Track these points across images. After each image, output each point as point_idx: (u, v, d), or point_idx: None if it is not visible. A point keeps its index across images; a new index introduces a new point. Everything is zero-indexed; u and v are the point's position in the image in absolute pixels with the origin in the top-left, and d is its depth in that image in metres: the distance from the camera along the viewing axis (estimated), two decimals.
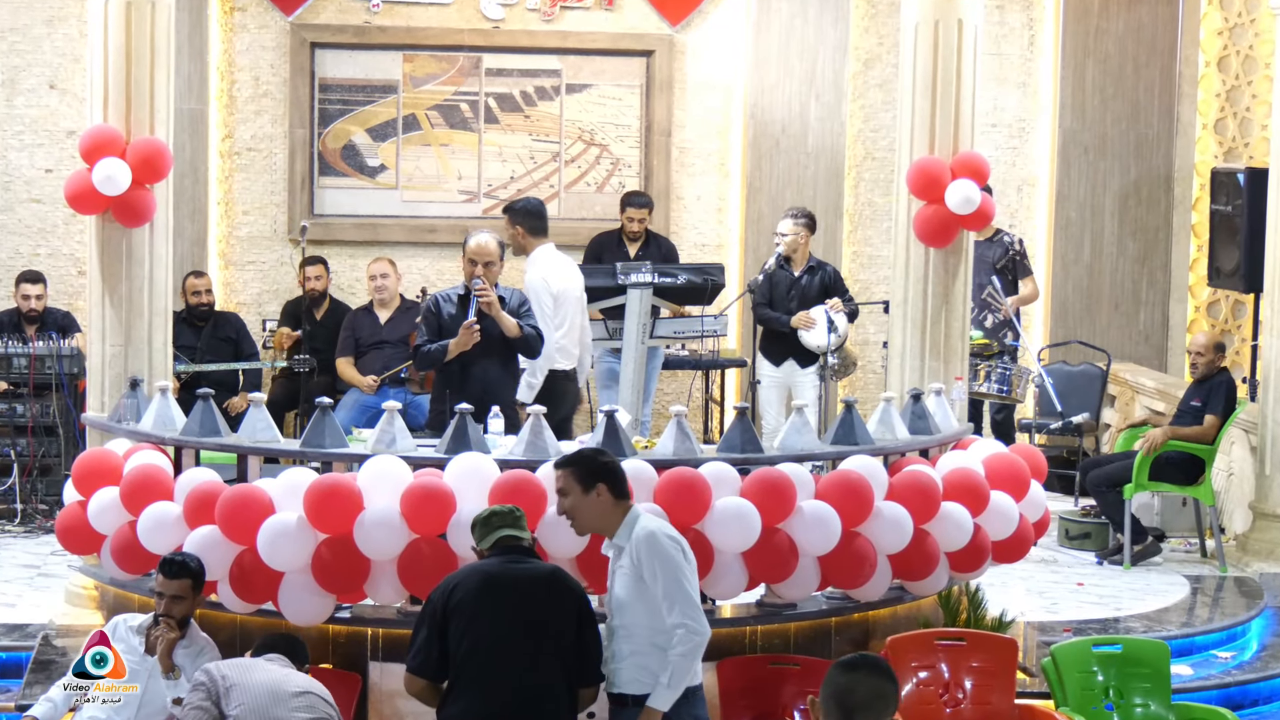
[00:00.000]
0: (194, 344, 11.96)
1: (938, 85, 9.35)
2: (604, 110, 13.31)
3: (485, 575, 6.49)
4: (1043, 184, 13.72)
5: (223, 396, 10.90)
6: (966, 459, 8.77)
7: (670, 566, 6.49)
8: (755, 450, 8.28)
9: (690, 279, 11.10)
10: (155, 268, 9.00)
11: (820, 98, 13.29)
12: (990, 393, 11.57)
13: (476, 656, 6.33)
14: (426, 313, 9.50)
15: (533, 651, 6.36)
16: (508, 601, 6.39)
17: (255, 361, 12.25)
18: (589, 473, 6.66)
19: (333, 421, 8.19)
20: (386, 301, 12.18)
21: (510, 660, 6.33)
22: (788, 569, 8.01)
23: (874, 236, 13.47)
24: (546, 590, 6.47)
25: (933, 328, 9.43)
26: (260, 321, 12.86)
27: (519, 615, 6.38)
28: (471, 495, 7.70)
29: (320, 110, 13.06)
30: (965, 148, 9.36)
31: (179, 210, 10.99)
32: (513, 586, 6.43)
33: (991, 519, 8.57)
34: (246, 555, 7.71)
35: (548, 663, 6.38)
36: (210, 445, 8.35)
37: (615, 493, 6.66)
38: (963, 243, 9.45)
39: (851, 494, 8.10)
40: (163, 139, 8.89)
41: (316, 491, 7.67)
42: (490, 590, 6.41)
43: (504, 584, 6.44)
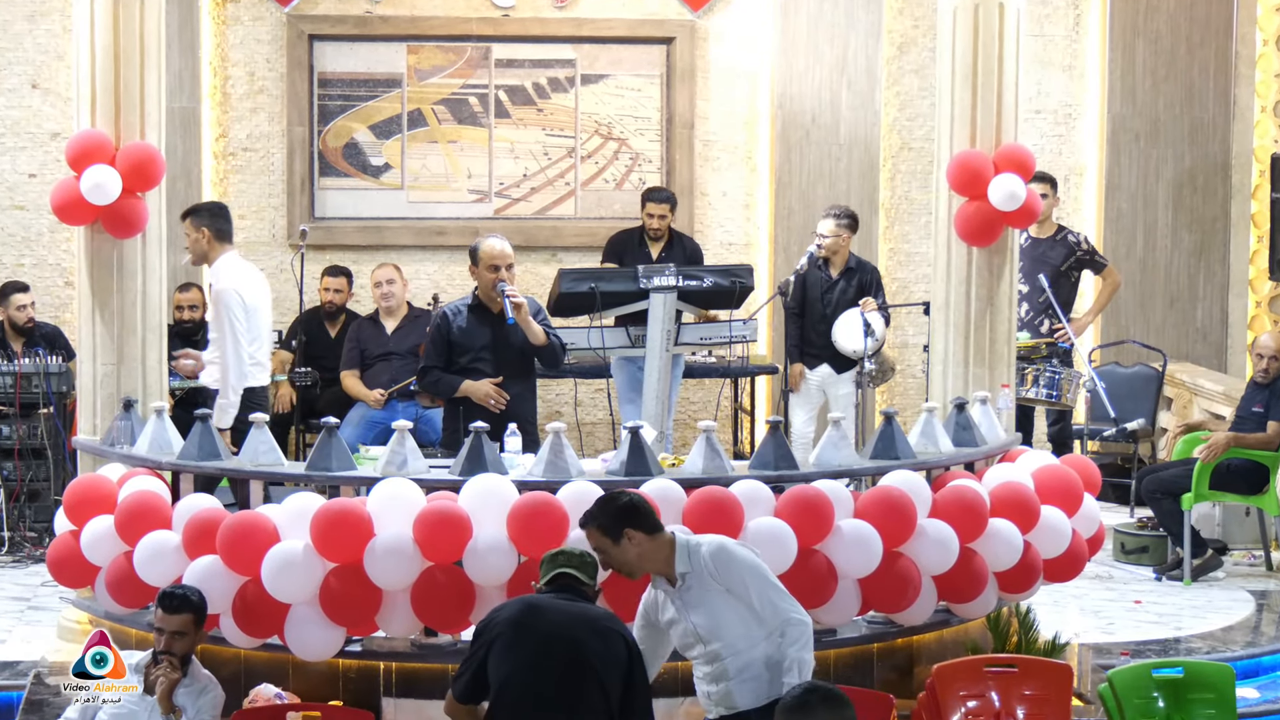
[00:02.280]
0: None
1: (978, 73, 9.35)
2: (622, 102, 13.33)
3: (528, 604, 6.55)
4: (1091, 173, 13.71)
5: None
6: (1015, 472, 8.78)
7: (755, 570, 6.71)
8: (790, 467, 8.32)
9: (717, 281, 11.11)
10: (148, 280, 9.04)
11: (852, 85, 13.29)
12: (1038, 398, 11.55)
13: (511, 688, 6.36)
14: (434, 331, 9.49)
15: (572, 696, 6.35)
16: (547, 633, 6.40)
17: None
18: (612, 523, 6.74)
19: (339, 443, 8.23)
20: (393, 310, 12.17)
21: (546, 695, 6.33)
22: (826, 593, 8.03)
23: (912, 233, 13.48)
24: (591, 631, 6.45)
25: (976, 332, 9.43)
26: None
27: (558, 650, 6.37)
28: (488, 520, 7.74)
29: (320, 107, 13.10)
30: (1009, 139, 9.36)
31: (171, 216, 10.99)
32: (553, 620, 6.45)
33: (1042, 536, 8.59)
34: (250, 587, 7.76)
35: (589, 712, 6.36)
36: (210, 470, 8.40)
37: (647, 530, 6.74)
38: (1007, 241, 9.45)
39: (893, 512, 8.12)
40: (154, 144, 8.93)
41: (324, 518, 7.72)
42: (530, 618, 6.45)
43: (544, 615, 6.47)
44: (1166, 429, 12.68)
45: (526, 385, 9.54)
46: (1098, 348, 13.34)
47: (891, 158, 13.48)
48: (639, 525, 6.73)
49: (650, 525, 6.75)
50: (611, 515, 6.75)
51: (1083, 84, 13.66)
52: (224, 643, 7.91)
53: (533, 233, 13.15)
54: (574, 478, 8.04)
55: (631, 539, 6.70)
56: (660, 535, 6.76)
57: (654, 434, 8.80)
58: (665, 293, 10.89)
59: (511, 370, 9.39)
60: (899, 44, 13.42)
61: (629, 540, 6.70)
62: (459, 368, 9.40)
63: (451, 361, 9.42)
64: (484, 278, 9.37)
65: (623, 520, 6.72)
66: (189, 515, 7.98)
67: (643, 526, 6.73)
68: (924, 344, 12.27)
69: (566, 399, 12.60)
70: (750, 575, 6.69)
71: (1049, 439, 12.32)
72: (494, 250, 9.35)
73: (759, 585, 6.68)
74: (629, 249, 12.24)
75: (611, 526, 6.72)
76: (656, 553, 6.74)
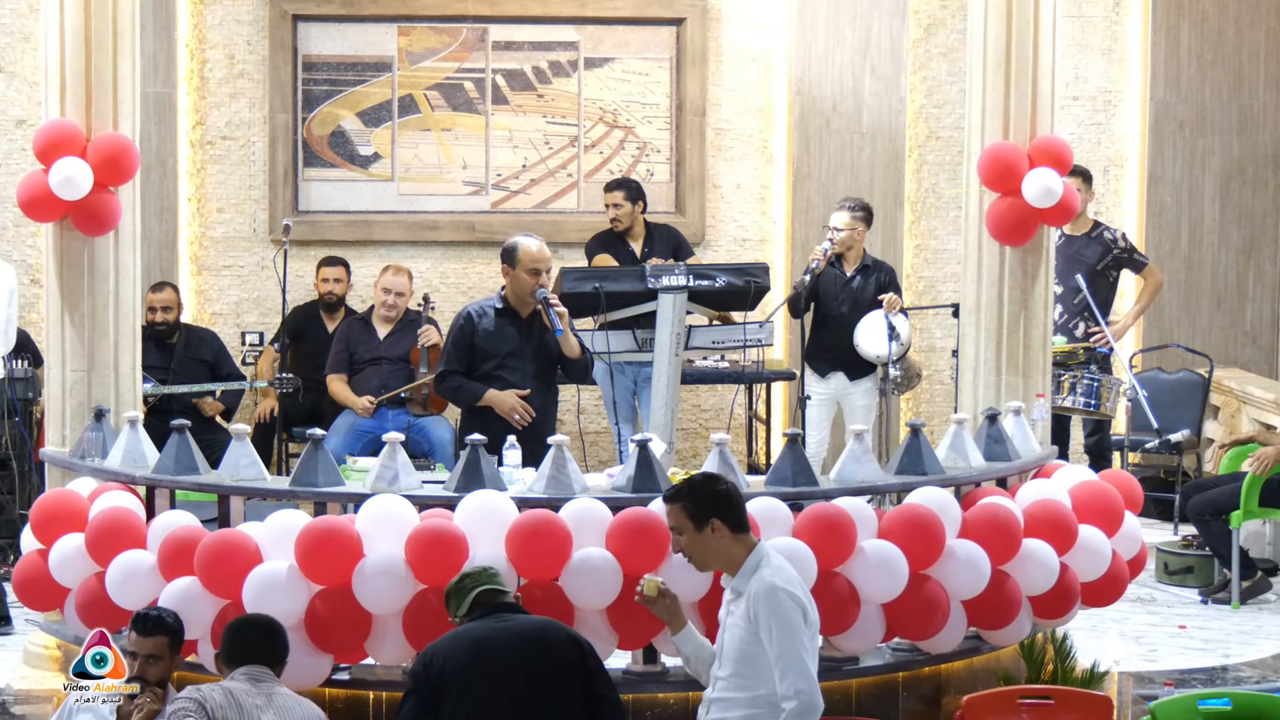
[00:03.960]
0: (164, 364, 11.98)
1: (1012, 59, 9.36)
2: (628, 87, 13.35)
3: (475, 643, 6.68)
4: (1132, 164, 13.73)
5: (198, 422, 10.90)
6: (1050, 489, 8.80)
7: (787, 630, 6.63)
8: (809, 483, 8.34)
9: (730, 281, 11.11)
10: (121, 281, 9.06)
11: (876, 69, 13.31)
12: (1075, 407, 11.56)
13: None
14: (457, 333, 9.48)
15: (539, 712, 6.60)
16: (504, 666, 6.61)
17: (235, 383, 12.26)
18: (703, 506, 6.80)
19: (326, 456, 8.25)
20: (392, 317, 12.17)
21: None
22: (848, 618, 8.05)
23: (940, 228, 13.49)
24: (543, 649, 6.70)
25: (1009, 338, 9.44)
26: (239, 335, 12.92)
27: (517, 676, 6.60)
28: (486, 539, 7.77)
29: (304, 92, 13.13)
30: (1044, 131, 9.37)
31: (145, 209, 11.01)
32: (506, 649, 6.65)
33: (1080, 557, 8.61)
34: (230, 610, 7.76)
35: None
36: (187, 485, 8.41)
37: (733, 525, 6.80)
38: (1043, 240, 9.47)
39: (920, 531, 8.14)
40: (128, 134, 8.95)
41: (310, 537, 7.74)
42: (483, 659, 6.62)
43: (496, 648, 6.65)
44: (1213, 440, 12.70)
45: (550, 397, 9.58)
46: (1139, 352, 13.36)
47: (918, 148, 13.50)
48: (727, 517, 6.80)
49: (737, 521, 6.82)
50: (704, 498, 6.82)
51: (1123, 69, 13.68)
52: (202, 670, 7.90)
53: (532, 228, 12.88)
54: (577, 494, 8.06)
55: (715, 529, 6.77)
56: (744, 535, 6.82)
57: (663, 447, 8.81)
58: (674, 293, 10.90)
59: (538, 380, 9.42)
60: (926, 25, 13.44)
61: (712, 530, 6.77)
62: (480, 374, 9.43)
63: (473, 367, 9.43)
64: (523, 281, 9.41)
65: (714, 507, 6.79)
66: (165, 533, 8.00)
67: (730, 520, 6.80)
68: (953, 348, 12.28)
69: (568, 406, 12.61)
70: (779, 632, 6.61)
71: (1086, 450, 12.34)
72: (536, 252, 9.40)
73: (782, 647, 6.60)
74: (613, 248, 12.27)
75: (700, 510, 6.78)
76: (734, 553, 6.79)
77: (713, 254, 13.26)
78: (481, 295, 12.80)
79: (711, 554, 6.83)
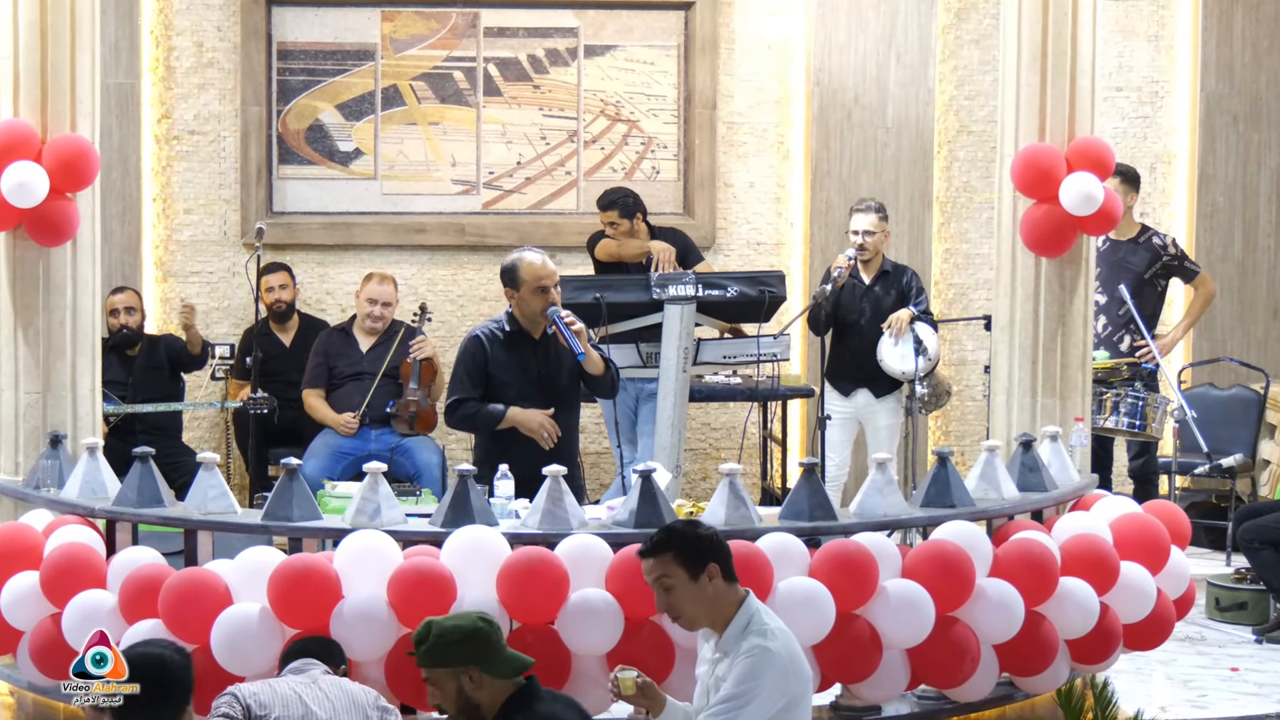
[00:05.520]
0: (124, 379, 12.00)
1: (1048, 53, 9.41)
2: (632, 77, 13.38)
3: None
4: (1181, 161, 13.75)
5: (164, 445, 10.92)
6: (1090, 522, 8.82)
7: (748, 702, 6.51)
8: (827, 517, 8.35)
9: (742, 290, 11.13)
10: (79, 295, 9.10)
11: (902, 58, 13.34)
12: (1118, 428, 11.57)
13: None
14: (469, 359, 9.27)
15: None
16: None
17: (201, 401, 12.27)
18: (697, 553, 6.67)
19: (302, 487, 8.27)
20: (378, 329, 12.16)
21: None
22: (869, 664, 8.07)
23: (971, 230, 13.51)
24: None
25: (1046, 356, 9.47)
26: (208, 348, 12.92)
27: None
28: (475, 579, 7.80)
29: (279, 83, 13.15)
30: (1084, 131, 9.41)
31: (105, 210, 11.06)
32: None
33: (1122, 597, 8.63)
34: (198, 656, 7.76)
35: None
36: (150, 518, 8.44)
37: (726, 573, 6.71)
38: (1082, 250, 9.50)
39: (947, 570, 8.16)
40: (87, 136, 8.99)
41: (284, 576, 7.77)
42: None
43: None
44: (1269, 461, 12.71)
45: (573, 417, 9.47)
46: (1188, 367, 13.38)
47: (948, 143, 13.52)
48: (724, 564, 6.71)
49: (730, 569, 6.74)
50: (696, 544, 6.70)
51: (1171, 57, 13.69)
52: None
53: (528, 230, 13.19)
54: (575, 530, 8.09)
55: (712, 578, 6.66)
56: (735, 585, 6.75)
57: (668, 477, 8.83)
58: (682, 304, 10.93)
59: (561, 404, 9.29)
60: (957, 9, 13.46)
61: (709, 578, 6.66)
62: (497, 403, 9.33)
63: (488, 396, 9.29)
64: (530, 303, 9.20)
65: (708, 552, 6.68)
66: (126, 572, 8.02)
67: (724, 566, 6.71)
68: (985, 364, 12.29)
69: None
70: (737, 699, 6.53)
71: (1130, 475, 12.34)
72: (540, 268, 9.18)
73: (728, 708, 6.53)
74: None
75: (694, 557, 6.66)
76: (724, 604, 6.71)
77: (723, 259, 13.29)
78: (472, 304, 12.89)
79: (704, 607, 6.70)
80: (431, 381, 11.90)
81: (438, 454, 11.88)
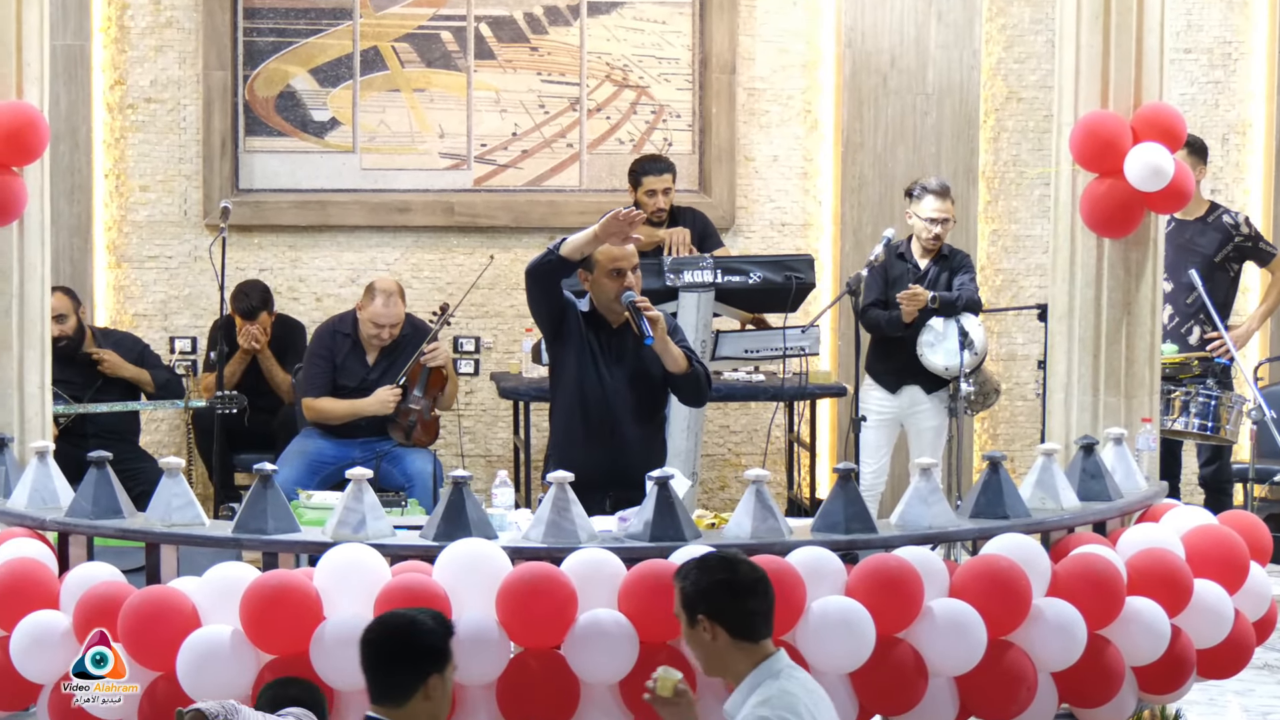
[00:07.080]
0: (75, 378, 12.00)
1: (1112, 9, 9.40)
2: (641, 38, 13.40)
3: None
4: (1257, 131, 13.76)
5: (120, 449, 10.90)
6: (1159, 535, 8.81)
7: None
8: (865, 529, 8.34)
9: (766, 277, 11.17)
10: (27, 282, 9.11)
11: (944, 17, 13.34)
12: (1188, 430, 11.58)
13: None
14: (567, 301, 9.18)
15: None
16: None
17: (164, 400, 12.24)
18: (683, 600, 6.50)
19: (278, 496, 8.26)
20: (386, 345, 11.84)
21: None
22: (914, 694, 8.07)
23: (1021, 209, 13.53)
24: None
25: (1109, 350, 9.48)
26: (167, 340, 12.91)
27: None
28: (473, 598, 7.78)
29: (246, 45, 13.18)
30: (1152, 98, 9.41)
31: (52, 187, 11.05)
32: None
33: (1195, 619, 8.62)
34: (161, 684, 7.80)
35: None
36: (108, 531, 8.43)
37: (730, 629, 6.43)
38: (1150, 231, 9.50)
39: (1000, 588, 8.15)
40: (35, 103, 9.00)
41: (258, 595, 7.75)
42: None
43: None
44: None
45: (654, 425, 9.38)
46: (1265, 362, 13.39)
47: (995, 111, 13.54)
48: (720, 617, 6.42)
49: (735, 625, 6.43)
50: (694, 586, 6.49)
51: (1246, 15, 13.71)
52: None
53: (524, 209, 13.23)
54: (583, 543, 8.06)
55: (706, 630, 6.43)
56: (746, 645, 6.44)
57: (686, 485, 8.81)
58: (699, 291, 10.94)
59: (639, 407, 9.21)
60: None
61: (703, 629, 6.42)
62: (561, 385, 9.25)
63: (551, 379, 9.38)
64: (604, 287, 9.09)
65: (704, 601, 6.45)
66: (81, 590, 8.01)
67: (725, 621, 6.42)
68: (1038, 358, 12.30)
69: None
70: None
71: (1201, 483, 12.35)
72: (615, 249, 9.03)
73: None
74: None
75: (687, 600, 6.48)
76: (731, 663, 6.46)
77: (745, 242, 13.30)
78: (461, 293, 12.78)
79: (710, 659, 6.51)
80: (440, 391, 11.72)
81: (431, 462, 11.69)
